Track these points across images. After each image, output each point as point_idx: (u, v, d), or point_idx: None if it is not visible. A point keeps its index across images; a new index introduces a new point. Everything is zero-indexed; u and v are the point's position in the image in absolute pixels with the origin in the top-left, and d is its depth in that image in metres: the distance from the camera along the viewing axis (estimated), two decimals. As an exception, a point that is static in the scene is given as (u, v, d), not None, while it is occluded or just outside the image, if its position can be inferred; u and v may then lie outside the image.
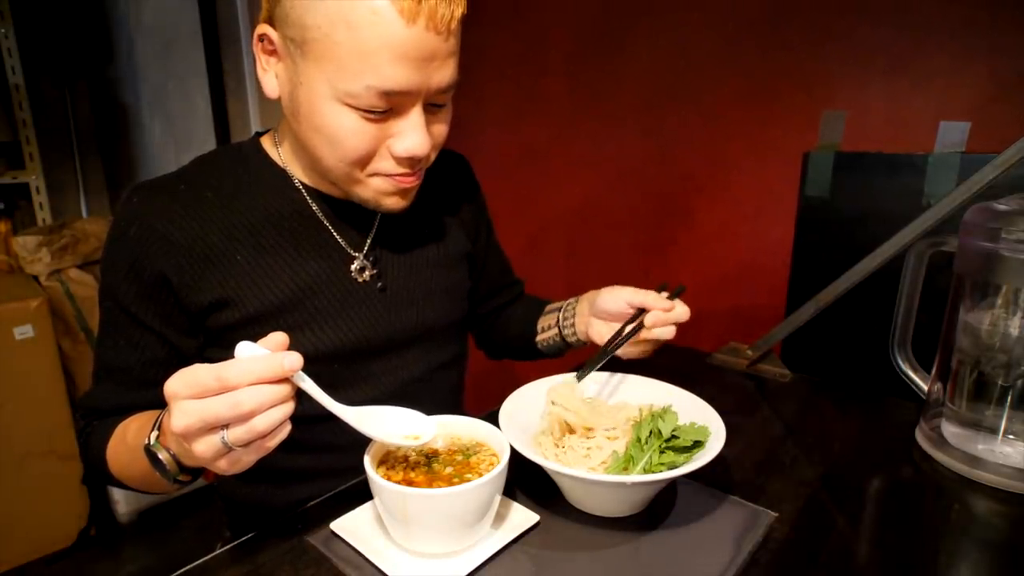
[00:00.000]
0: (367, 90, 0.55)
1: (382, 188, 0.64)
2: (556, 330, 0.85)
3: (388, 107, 0.58)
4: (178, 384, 0.45)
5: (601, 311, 0.76)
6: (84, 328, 1.84)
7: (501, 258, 0.96)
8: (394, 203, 0.66)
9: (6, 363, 1.56)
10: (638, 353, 0.76)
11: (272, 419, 0.45)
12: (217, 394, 0.44)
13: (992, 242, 0.68)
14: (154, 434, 0.53)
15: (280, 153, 0.70)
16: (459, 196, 0.85)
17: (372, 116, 0.58)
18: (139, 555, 1.79)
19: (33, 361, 1.60)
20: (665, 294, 0.73)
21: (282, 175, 0.69)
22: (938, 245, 0.80)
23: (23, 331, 1.57)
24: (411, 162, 0.62)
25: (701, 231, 1.37)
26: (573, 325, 0.83)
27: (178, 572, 0.55)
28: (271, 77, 0.62)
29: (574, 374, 0.70)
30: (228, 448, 0.46)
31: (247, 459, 0.48)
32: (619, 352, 0.72)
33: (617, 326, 0.74)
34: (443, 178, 0.82)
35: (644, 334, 0.71)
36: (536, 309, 0.91)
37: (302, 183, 0.69)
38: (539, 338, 0.88)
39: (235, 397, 0.44)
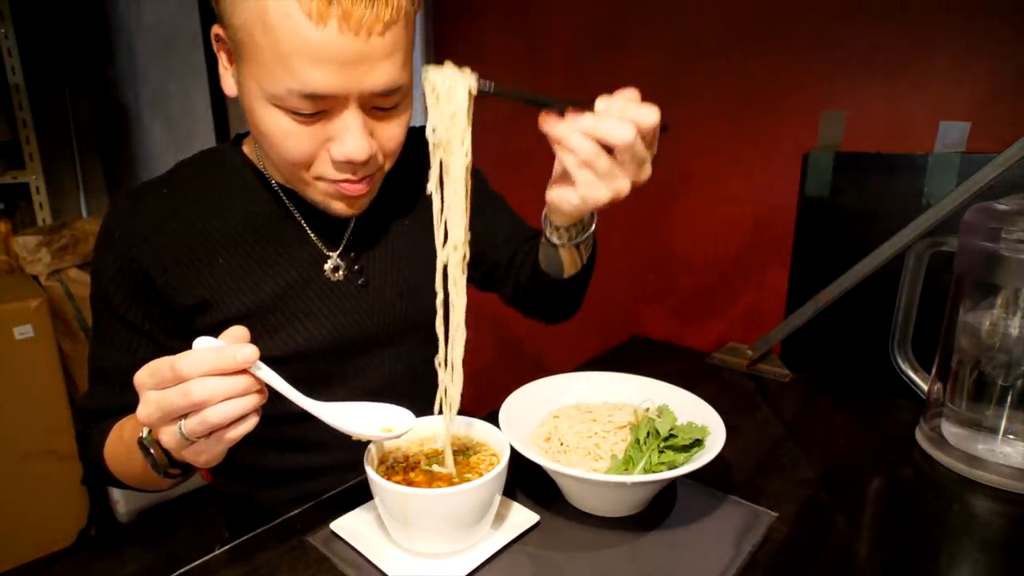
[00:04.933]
0: (289, 93, 0.53)
1: (328, 192, 0.63)
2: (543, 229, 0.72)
3: (317, 110, 0.55)
4: (143, 375, 0.46)
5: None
6: (84, 328, 1.84)
7: (506, 216, 0.88)
8: (341, 209, 0.64)
9: (6, 363, 1.56)
10: (570, 198, 0.58)
11: (225, 411, 0.45)
12: (173, 385, 0.45)
13: (992, 242, 0.68)
14: (146, 429, 0.54)
15: (258, 155, 0.70)
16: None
17: (303, 118, 0.56)
18: (139, 555, 1.79)
19: (33, 361, 1.60)
20: None
21: (260, 177, 0.70)
22: (938, 245, 0.80)
23: (23, 331, 1.57)
24: (351, 167, 0.59)
25: (701, 231, 1.37)
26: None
27: (178, 572, 0.55)
28: (229, 76, 0.61)
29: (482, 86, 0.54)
30: (188, 439, 0.46)
31: (210, 450, 0.48)
32: (551, 195, 0.59)
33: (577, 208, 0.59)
34: (416, 161, 0.76)
35: (590, 118, 0.53)
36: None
37: (279, 184, 0.69)
38: (540, 256, 0.75)
39: (186, 387, 0.44)
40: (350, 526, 0.59)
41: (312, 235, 0.70)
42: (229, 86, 0.61)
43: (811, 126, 1.13)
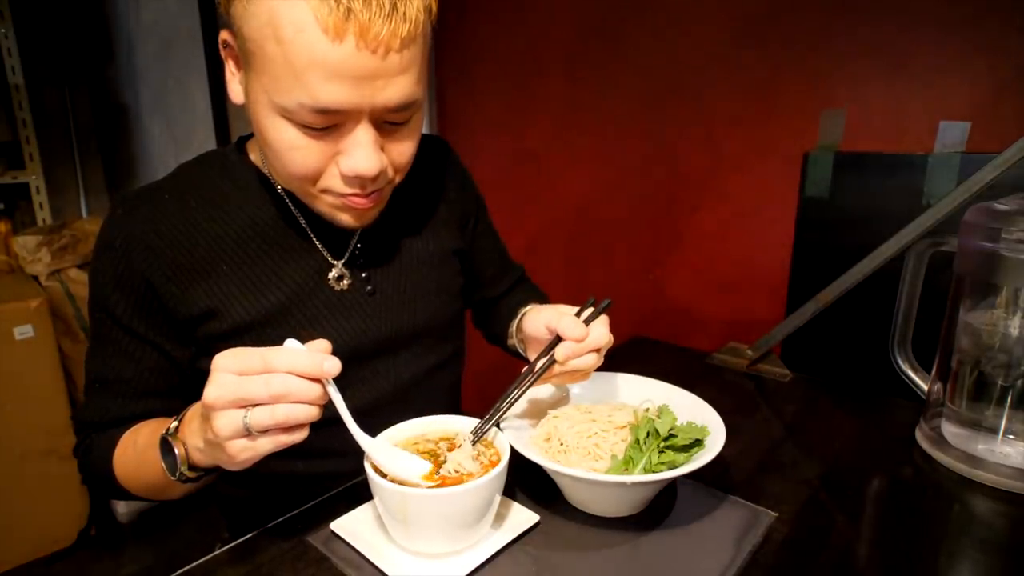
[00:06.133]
0: (300, 107, 0.52)
1: (335, 204, 0.62)
2: (514, 341, 0.82)
3: (328, 124, 0.54)
4: (227, 359, 0.47)
5: (527, 337, 0.73)
6: (84, 328, 1.84)
7: (495, 243, 0.92)
8: (348, 221, 0.64)
9: (6, 363, 1.56)
10: (571, 381, 0.68)
11: (293, 411, 0.47)
12: (258, 374, 0.46)
13: (992, 242, 0.68)
14: (174, 424, 0.54)
15: (263, 159, 0.68)
16: (444, 186, 0.82)
17: (312, 132, 0.55)
18: (139, 555, 1.79)
19: (33, 361, 1.60)
20: (588, 312, 0.66)
21: (265, 182, 0.68)
22: (938, 245, 0.80)
23: (23, 331, 1.57)
24: (360, 182, 0.59)
25: (701, 231, 1.37)
26: (523, 342, 0.78)
27: (178, 572, 0.55)
28: (236, 83, 0.60)
29: (469, 437, 0.60)
30: (246, 430, 0.47)
31: (260, 446, 0.48)
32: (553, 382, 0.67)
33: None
34: (426, 169, 0.79)
35: (560, 369, 0.63)
36: (517, 309, 0.84)
37: (285, 190, 0.67)
38: (508, 343, 0.85)
39: (268, 378, 0.46)
40: (350, 526, 0.59)
41: (317, 243, 0.69)
42: (236, 93, 0.60)
43: (811, 126, 1.13)
